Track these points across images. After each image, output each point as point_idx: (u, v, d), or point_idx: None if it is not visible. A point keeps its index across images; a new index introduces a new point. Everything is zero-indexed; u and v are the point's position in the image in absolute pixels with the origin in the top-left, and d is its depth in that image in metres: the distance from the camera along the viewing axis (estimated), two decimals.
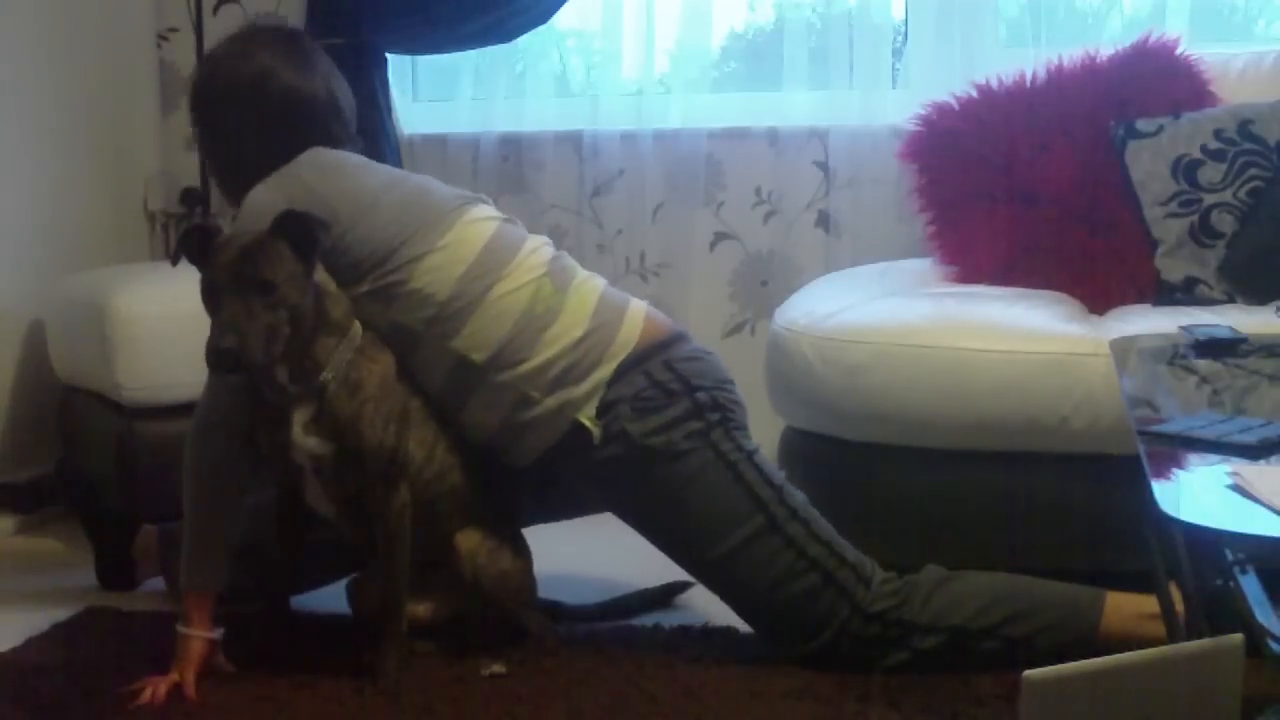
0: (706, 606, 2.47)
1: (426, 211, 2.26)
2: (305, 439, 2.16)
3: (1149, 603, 2.13)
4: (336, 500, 2.23)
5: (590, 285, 2.32)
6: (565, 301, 2.26)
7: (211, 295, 2.04)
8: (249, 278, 2.02)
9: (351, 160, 2.31)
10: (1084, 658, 1.55)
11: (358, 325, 2.18)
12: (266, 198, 2.19)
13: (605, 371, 2.24)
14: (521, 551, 2.35)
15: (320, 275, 2.14)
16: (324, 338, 2.14)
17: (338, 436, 2.15)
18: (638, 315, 2.31)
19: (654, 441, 2.21)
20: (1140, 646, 1.84)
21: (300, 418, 2.15)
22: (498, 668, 2.21)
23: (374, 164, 2.35)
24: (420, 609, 2.29)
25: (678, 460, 2.21)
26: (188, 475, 2.24)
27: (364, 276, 2.21)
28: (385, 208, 2.22)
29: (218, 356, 1.98)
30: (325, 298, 2.14)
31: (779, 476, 2.27)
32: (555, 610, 2.47)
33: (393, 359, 2.21)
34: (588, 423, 2.23)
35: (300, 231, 2.07)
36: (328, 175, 2.24)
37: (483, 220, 2.30)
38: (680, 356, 2.28)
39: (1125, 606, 2.17)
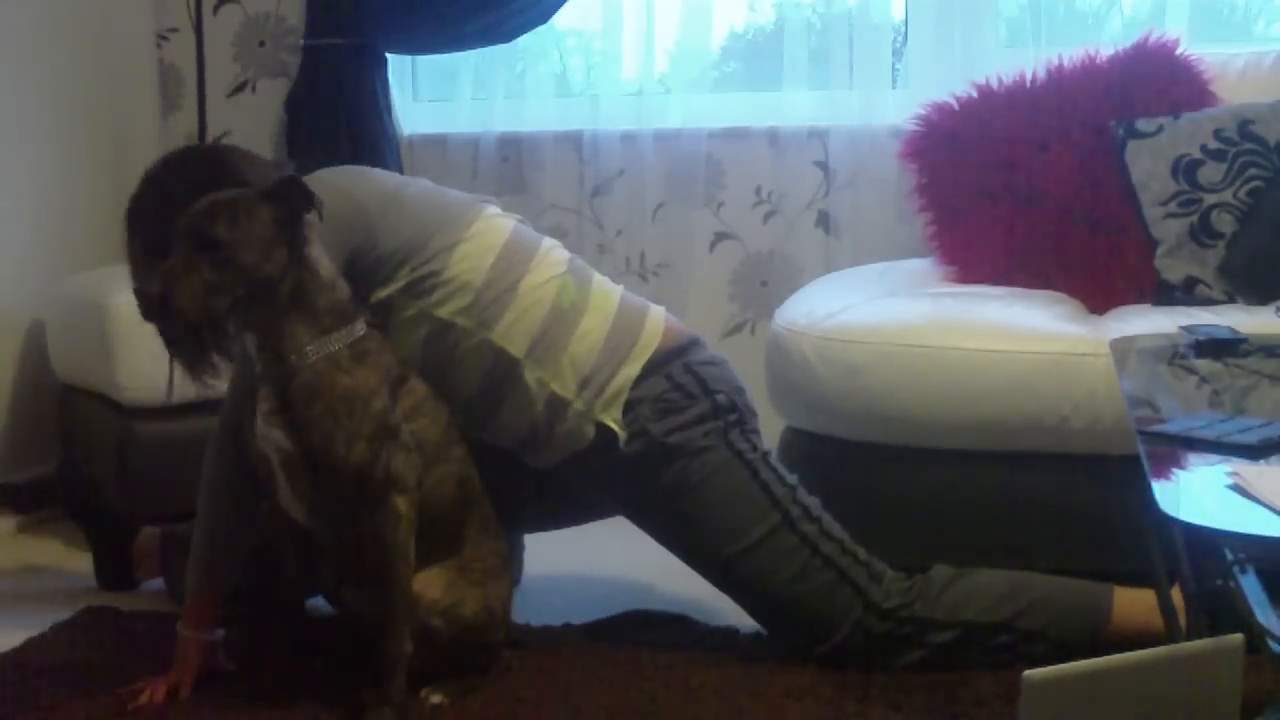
0: (706, 607, 2.47)
1: (449, 206, 2.30)
2: (268, 429, 2.08)
3: None
4: (303, 500, 2.12)
5: (609, 286, 2.37)
6: (589, 299, 2.30)
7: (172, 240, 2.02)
8: (202, 232, 1.98)
9: (367, 168, 2.38)
10: (1095, 652, 1.55)
11: (344, 333, 2.07)
12: None
13: (632, 370, 2.26)
14: (500, 589, 2.21)
15: (315, 255, 2.06)
16: (297, 321, 2.04)
17: (297, 437, 2.07)
18: (658, 317, 2.35)
19: (674, 439, 2.23)
20: (1152, 639, 1.84)
21: (264, 406, 2.08)
22: (437, 698, 2.11)
23: (387, 171, 2.43)
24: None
25: (697, 456, 2.23)
26: (205, 477, 2.24)
27: (398, 271, 2.21)
28: (409, 200, 2.25)
29: (136, 297, 2.01)
30: (312, 278, 2.05)
31: (793, 478, 2.29)
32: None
33: (375, 378, 2.08)
34: (614, 425, 2.24)
35: (292, 199, 2.02)
36: (353, 177, 2.29)
37: (501, 216, 2.34)
38: (698, 361, 2.32)
39: (1137, 599, 2.19)
